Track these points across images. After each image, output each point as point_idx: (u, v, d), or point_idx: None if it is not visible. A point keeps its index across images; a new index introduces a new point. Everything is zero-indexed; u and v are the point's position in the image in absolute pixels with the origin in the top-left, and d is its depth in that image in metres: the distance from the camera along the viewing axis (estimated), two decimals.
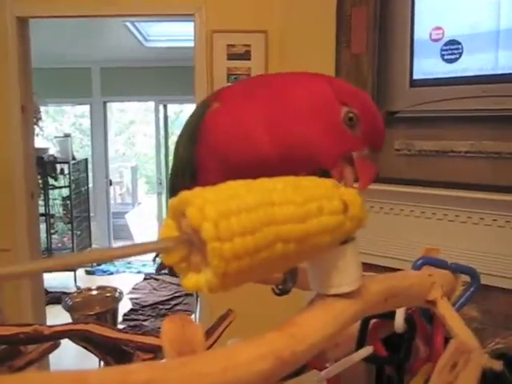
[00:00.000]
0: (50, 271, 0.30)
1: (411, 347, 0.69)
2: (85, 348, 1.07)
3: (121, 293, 3.63)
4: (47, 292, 4.15)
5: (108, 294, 3.56)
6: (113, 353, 1.04)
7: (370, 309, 0.43)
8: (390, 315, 0.68)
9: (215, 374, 0.29)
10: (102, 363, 1.14)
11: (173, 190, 0.71)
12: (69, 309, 3.34)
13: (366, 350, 0.68)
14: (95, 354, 1.08)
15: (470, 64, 2.03)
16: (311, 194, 0.36)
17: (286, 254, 0.33)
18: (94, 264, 5.71)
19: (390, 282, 0.47)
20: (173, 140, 6.40)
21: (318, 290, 0.40)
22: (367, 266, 0.41)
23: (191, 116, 0.65)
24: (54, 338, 1.03)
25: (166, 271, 0.72)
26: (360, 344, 0.70)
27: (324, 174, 0.50)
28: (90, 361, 1.73)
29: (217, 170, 0.59)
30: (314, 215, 0.35)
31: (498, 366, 0.56)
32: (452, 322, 0.53)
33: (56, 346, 1.11)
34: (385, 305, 0.46)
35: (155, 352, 1.00)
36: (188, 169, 0.63)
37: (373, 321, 0.70)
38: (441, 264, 0.63)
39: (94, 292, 3.57)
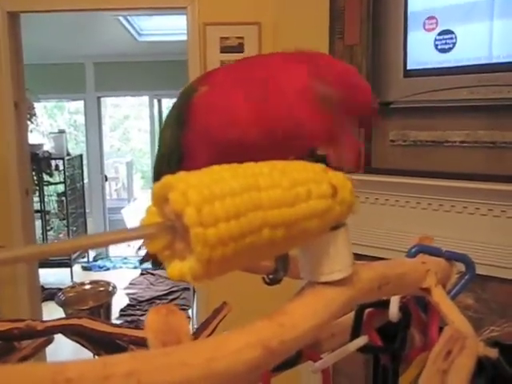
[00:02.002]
0: (34, 260, 0.29)
1: (406, 336, 0.68)
2: (78, 343, 1.07)
3: (114, 287, 3.62)
4: (43, 288, 4.14)
5: (101, 289, 3.54)
6: (106, 347, 1.03)
7: (362, 296, 0.42)
8: (385, 304, 0.67)
9: (200, 364, 0.28)
10: (97, 358, 1.13)
11: (158, 178, 0.69)
12: (62, 304, 3.33)
13: (361, 340, 0.68)
14: (89, 349, 1.08)
15: (464, 53, 2.02)
16: (299, 178, 0.35)
17: (273, 239, 0.32)
18: (91, 260, 5.70)
19: (383, 269, 0.46)
20: None
21: (308, 277, 0.39)
22: (362, 257, 0.40)
23: (177, 101, 0.64)
24: (47, 333, 1.03)
25: (151, 265, 0.70)
26: (355, 334, 0.69)
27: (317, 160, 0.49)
28: (86, 356, 1.72)
29: (205, 154, 0.57)
30: (302, 199, 0.34)
31: (493, 353, 0.56)
32: (447, 310, 0.52)
33: (50, 341, 1.10)
34: (378, 292, 0.45)
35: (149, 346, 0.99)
36: (175, 154, 0.62)
37: (367, 310, 0.70)
38: (435, 252, 0.63)
39: (87, 286, 3.55)
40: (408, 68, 2.17)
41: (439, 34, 2.08)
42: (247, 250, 0.31)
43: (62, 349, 3.07)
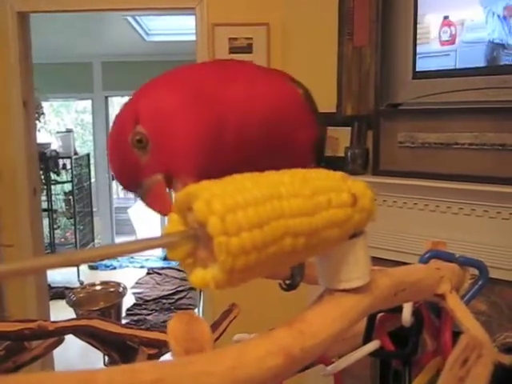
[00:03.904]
0: (54, 268, 0.29)
1: (418, 341, 0.68)
2: (89, 343, 1.07)
3: (125, 288, 3.63)
4: (50, 287, 4.16)
5: (112, 289, 3.56)
6: (117, 348, 1.04)
7: (379, 304, 0.42)
8: (397, 309, 0.67)
9: (224, 372, 0.28)
10: (107, 358, 1.14)
11: None
12: (73, 304, 3.34)
13: (374, 344, 0.68)
14: (100, 350, 1.08)
15: (474, 55, 2.02)
16: (319, 187, 0.35)
17: (294, 248, 0.32)
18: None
19: (399, 276, 0.46)
20: None
21: (326, 285, 0.40)
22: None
23: None
24: (58, 333, 1.03)
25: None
26: (367, 338, 0.69)
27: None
28: (94, 355, 1.73)
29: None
30: (322, 208, 0.34)
31: (507, 360, 0.56)
32: (462, 316, 0.52)
33: (60, 341, 1.11)
34: (394, 299, 0.45)
35: (160, 347, 1.00)
36: None
37: (380, 314, 0.70)
38: (448, 257, 0.63)
39: (98, 287, 3.56)
40: (417, 70, 2.17)
41: (449, 35, 2.07)
42: (269, 259, 0.31)
43: (70, 349, 3.08)
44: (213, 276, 0.31)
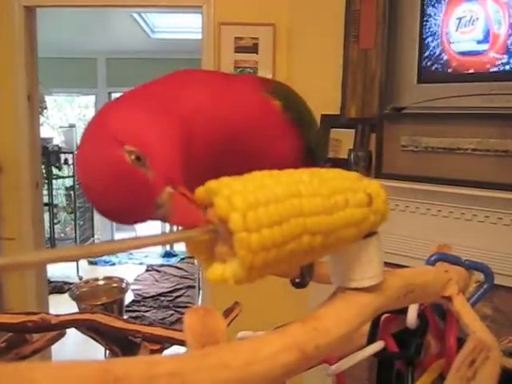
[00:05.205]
0: (68, 261, 0.30)
1: (422, 343, 0.69)
2: (91, 337, 1.08)
3: (127, 283, 3.64)
4: (49, 281, 4.16)
5: (114, 285, 3.56)
6: (119, 343, 1.04)
7: (390, 304, 0.42)
8: (402, 310, 0.67)
9: (240, 366, 0.29)
10: (108, 353, 1.14)
11: None
12: (75, 298, 3.34)
13: (377, 345, 0.68)
14: (101, 344, 1.09)
15: (478, 61, 2.02)
16: (337, 186, 0.36)
17: (312, 246, 0.33)
18: None
19: (409, 277, 0.46)
20: None
21: (339, 283, 0.40)
22: None
23: None
24: (61, 327, 1.04)
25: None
26: (371, 339, 0.70)
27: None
28: (92, 348, 1.74)
29: None
30: (339, 208, 0.35)
31: (510, 363, 0.56)
32: (468, 319, 0.53)
33: (62, 335, 1.11)
34: (403, 300, 0.45)
35: (162, 343, 1.00)
36: None
37: (384, 316, 0.70)
38: (455, 260, 0.63)
39: (101, 282, 3.57)
40: (422, 74, 2.17)
41: (454, 39, 2.07)
42: (287, 256, 0.32)
43: (68, 341, 3.09)
44: (232, 272, 0.31)
